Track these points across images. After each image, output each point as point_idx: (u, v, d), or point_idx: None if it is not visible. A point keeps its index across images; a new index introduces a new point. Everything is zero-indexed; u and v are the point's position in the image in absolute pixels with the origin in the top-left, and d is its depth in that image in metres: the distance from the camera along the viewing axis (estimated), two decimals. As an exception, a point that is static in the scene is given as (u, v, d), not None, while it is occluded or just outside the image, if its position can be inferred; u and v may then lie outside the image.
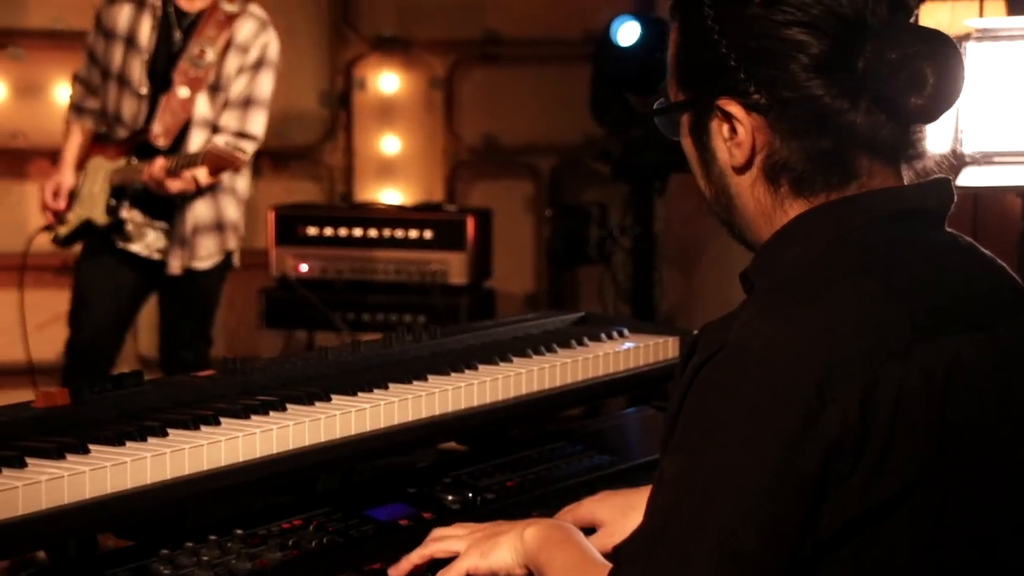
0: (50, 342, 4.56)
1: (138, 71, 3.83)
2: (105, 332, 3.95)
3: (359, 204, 5.14)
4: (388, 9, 5.32)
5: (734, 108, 1.29)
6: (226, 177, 3.88)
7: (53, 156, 4.77)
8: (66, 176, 3.94)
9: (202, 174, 3.74)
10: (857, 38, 1.25)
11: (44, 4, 4.98)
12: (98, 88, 3.95)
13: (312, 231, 4.74)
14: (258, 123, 3.88)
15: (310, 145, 5.31)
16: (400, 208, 4.99)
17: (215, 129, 3.85)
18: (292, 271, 4.69)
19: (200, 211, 3.87)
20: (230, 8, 3.86)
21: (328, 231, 4.74)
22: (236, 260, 4.06)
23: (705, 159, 1.34)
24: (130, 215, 3.87)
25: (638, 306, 4.68)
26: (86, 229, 3.91)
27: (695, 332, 1.33)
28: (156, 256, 3.89)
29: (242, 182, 4.00)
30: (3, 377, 4.84)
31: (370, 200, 5.25)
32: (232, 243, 3.98)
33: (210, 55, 3.79)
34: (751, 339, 1.20)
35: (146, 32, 3.84)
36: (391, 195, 5.36)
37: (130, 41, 3.85)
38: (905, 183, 1.31)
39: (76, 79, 4.03)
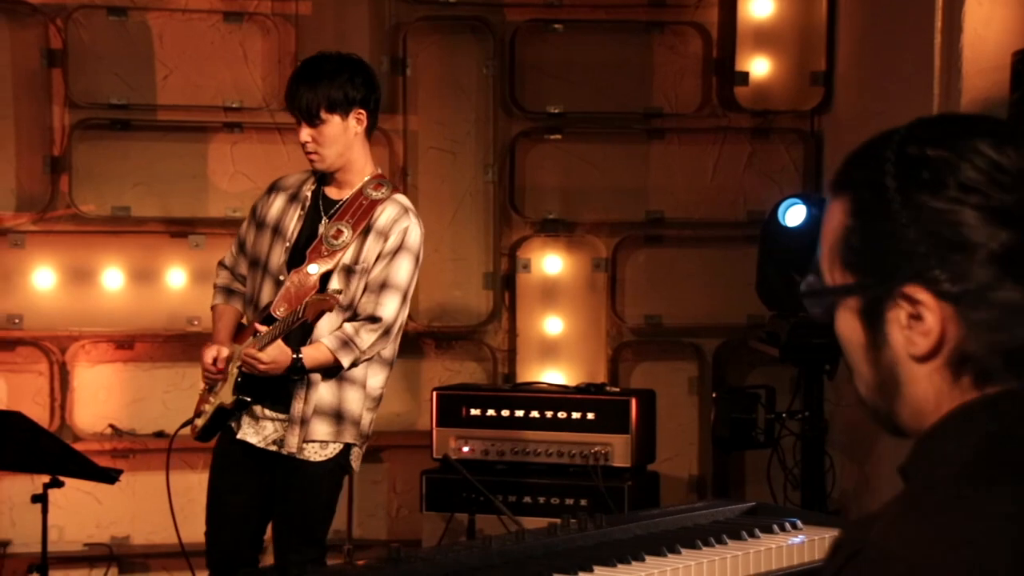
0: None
1: (279, 257, 3.83)
2: (235, 526, 3.87)
3: (521, 385, 5.14)
4: (552, 193, 5.41)
5: (923, 296, 1.23)
6: (358, 369, 3.78)
7: (227, 339, 4.90)
8: (223, 344, 3.87)
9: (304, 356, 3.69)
10: None
11: (222, 195, 5.20)
12: (243, 277, 3.97)
13: (475, 412, 4.74)
14: (390, 307, 3.76)
15: (474, 326, 5.36)
16: (563, 389, 4.97)
17: (352, 313, 3.77)
18: (454, 453, 4.68)
19: (321, 395, 3.77)
20: (375, 195, 3.83)
21: (490, 412, 4.73)
22: (356, 462, 3.86)
23: (875, 344, 1.28)
24: (254, 406, 3.81)
25: (808, 493, 4.53)
26: (220, 416, 3.84)
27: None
28: (272, 448, 3.80)
29: (374, 378, 3.86)
30: (166, 559, 4.92)
31: (532, 381, 5.25)
32: (350, 436, 3.81)
33: (345, 235, 3.77)
34: (892, 540, 1.15)
35: (293, 221, 3.85)
36: (553, 376, 5.35)
37: (276, 230, 3.87)
38: None
39: (221, 265, 4.06)
